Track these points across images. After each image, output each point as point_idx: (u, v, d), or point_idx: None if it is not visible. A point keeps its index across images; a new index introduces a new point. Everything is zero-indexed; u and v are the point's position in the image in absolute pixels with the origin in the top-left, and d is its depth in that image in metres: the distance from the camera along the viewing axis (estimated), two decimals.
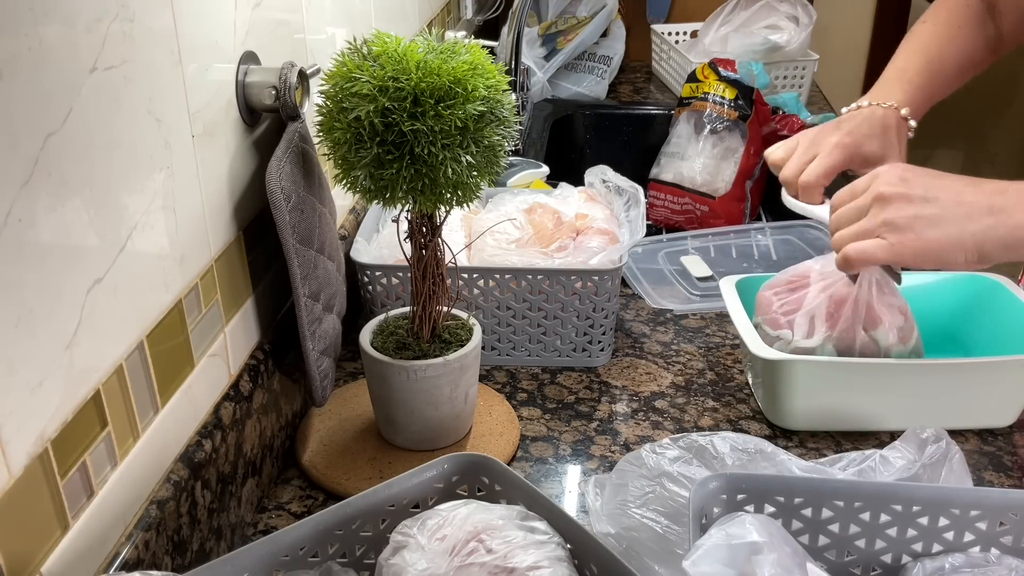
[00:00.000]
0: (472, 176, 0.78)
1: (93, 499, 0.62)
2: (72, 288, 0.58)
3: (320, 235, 0.89)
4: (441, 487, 0.70)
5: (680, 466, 0.76)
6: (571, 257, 1.08)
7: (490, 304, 1.05)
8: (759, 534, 0.61)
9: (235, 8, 0.80)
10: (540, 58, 1.92)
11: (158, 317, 0.69)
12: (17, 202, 0.52)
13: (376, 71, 0.74)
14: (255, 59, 0.85)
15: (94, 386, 0.61)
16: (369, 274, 1.04)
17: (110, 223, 0.62)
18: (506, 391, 1.04)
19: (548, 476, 0.91)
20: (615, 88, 2.09)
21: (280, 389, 0.91)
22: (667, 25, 2.20)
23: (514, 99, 0.82)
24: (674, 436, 0.80)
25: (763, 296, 1.01)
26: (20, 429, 0.54)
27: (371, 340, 0.89)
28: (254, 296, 0.87)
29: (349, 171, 0.77)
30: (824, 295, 0.95)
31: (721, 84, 1.67)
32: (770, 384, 0.97)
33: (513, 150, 0.94)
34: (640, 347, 1.13)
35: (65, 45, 0.56)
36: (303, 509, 0.87)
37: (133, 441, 0.67)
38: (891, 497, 0.69)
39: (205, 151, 0.76)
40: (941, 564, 0.69)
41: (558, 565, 0.60)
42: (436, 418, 0.89)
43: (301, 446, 0.93)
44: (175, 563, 0.70)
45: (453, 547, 0.61)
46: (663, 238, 1.39)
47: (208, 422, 0.76)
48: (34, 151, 0.54)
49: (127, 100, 0.64)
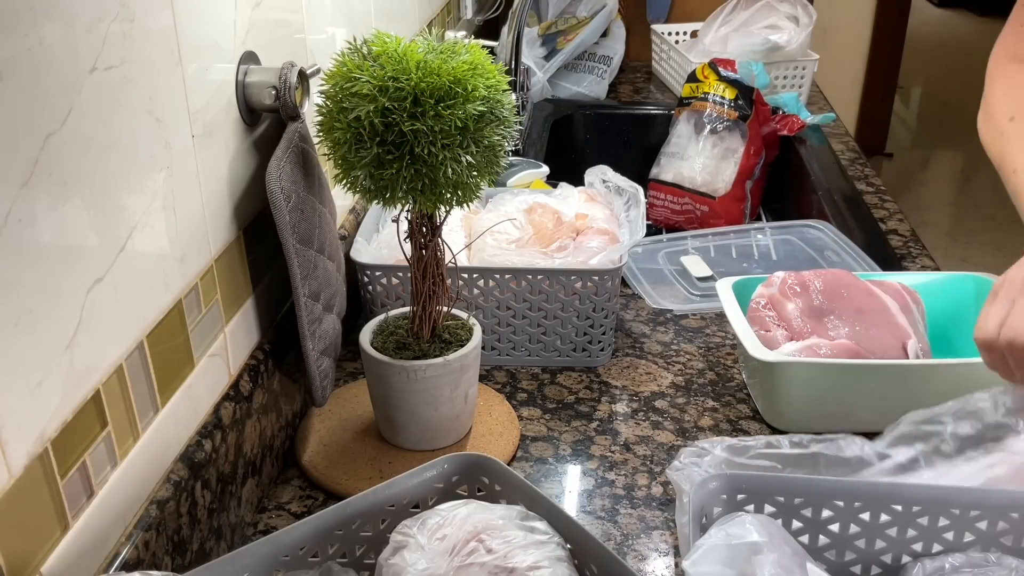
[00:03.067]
0: (472, 176, 0.78)
1: (93, 499, 0.62)
2: (72, 288, 0.58)
3: (320, 235, 0.89)
4: (441, 487, 0.70)
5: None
6: (571, 257, 1.08)
7: (490, 304, 1.05)
8: (759, 534, 0.61)
9: (235, 8, 0.80)
10: (540, 58, 1.92)
11: (158, 317, 0.69)
12: (17, 202, 0.52)
13: (376, 71, 0.74)
14: (255, 59, 0.85)
15: (94, 386, 0.61)
16: (369, 274, 1.04)
17: (110, 223, 0.62)
18: (506, 391, 1.04)
19: (548, 476, 0.91)
20: (615, 88, 2.09)
21: (280, 389, 0.91)
22: (667, 25, 2.20)
23: (514, 99, 0.82)
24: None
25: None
26: (20, 429, 0.54)
27: (371, 340, 0.89)
28: (254, 296, 0.87)
29: (349, 171, 0.77)
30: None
31: (721, 84, 1.67)
32: (767, 386, 0.97)
33: (513, 150, 0.94)
34: (640, 347, 1.13)
35: (65, 45, 0.56)
36: (303, 509, 0.87)
37: (133, 441, 0.67)
38: (891, 497, 0.69)
39: (205, 151, 0.76)
40: (941, 564, 0.69)
41: (558, 565, 0.60)
42: (436, 418, 0.89)
43: (301, 446, 0.93)
44: (175, 563, 0.70)
45: (453, 547, 0.61)
46: (663, 238, 1.39)
47: (208, 422, 0.77)
48: (34, 151, 0.54)
49: (127, 100, 0.64)
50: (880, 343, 0.97)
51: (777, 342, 0.96)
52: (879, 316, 0.98)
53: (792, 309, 0.98)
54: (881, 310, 0.98)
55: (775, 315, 0.99)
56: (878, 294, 1.00)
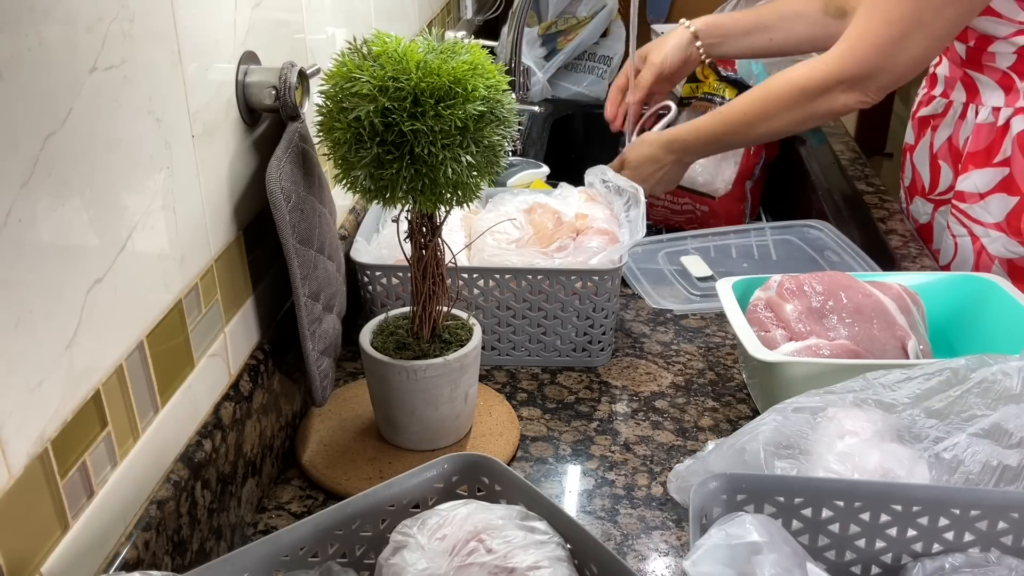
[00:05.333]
0: (472, 176, 0.78)
1: (93, 499, 0.62)
2: (72, 288, 0.58)
3: (320, 235, 0.89)
4: (441, 487, 0.70)
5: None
6: (571, 257, 1.08)
7: (490, 304, 1.05)
8: (759, 534, 0.61)
9: (235, 8, 0.80)
10: (540, 58, 1.92)
11: (158, 317, 0.69)
12: (17, 202, 0.52)
13: (376, 71, 0.74)
14: (255, 59, 0.85)
15: (94, 386, 0.61)
16: (369, 274, 1.04)
17: (110, 223, 0.62)
18: (506, 391, 1.04)
19: (548, 476, 0.91)
20: None
21: (280, 389, 0.91)
22: (667, 25, 2.19)
23: (514, 99, 0.82)
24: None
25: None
26: (20, 429, 0.54)
27: (371, 340, 0.89)
28: (254, 296, 0.87)
29: (349, 171, 0.77)
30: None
31: (721, 84, 1.67)
32: (767, 386, 0.96)
33: (513, 150, 0.94)
34: (640, 347, 1.13)
35: (65, 45, 0.56)
36: (303, 509, 0.87)
37: (133, 441, 0.67)
38: (891, 497, 0.69)
39: (205, 151, 0.76)
40: (941, 564, 0.69)
41: (558, 565, 0.60)
42: (436, 418, 0.89)
43: (301, 446, 0.93)
44: (175, 563, 0.70)
45: (453, 547, 0.61)
46: (663, 238, 1.39)
47: (208, 422, 0.77)
48: (34, 151, 0.54)
49: (127, 100, 0.64)
50: (880, 344, 0.97)
51: (776, 342, 0.96)
52: (879, 317, 0.98)
53: (791, 311, 0.98)
54: (880, 311, 0.98)
55: (773, 316, 0.99)
56: (877, 295, 1.00)
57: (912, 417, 0.79)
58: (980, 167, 1.29)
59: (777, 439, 0.77)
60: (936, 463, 0.76)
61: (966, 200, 1.31)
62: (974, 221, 1.31)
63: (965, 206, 1.32)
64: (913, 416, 0.79)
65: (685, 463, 0.84)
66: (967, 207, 1.31)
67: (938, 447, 0.76)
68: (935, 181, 1.40)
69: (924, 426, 0.78)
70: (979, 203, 1.30)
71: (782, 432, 0.77)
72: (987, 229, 1.30)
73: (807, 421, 0.79)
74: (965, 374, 0.80)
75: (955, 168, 1.35)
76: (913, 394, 0.80)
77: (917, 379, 0.81)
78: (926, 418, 0.79)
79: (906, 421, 0.79)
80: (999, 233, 1.29)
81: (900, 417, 0.79)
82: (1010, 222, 1.27)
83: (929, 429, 0.78)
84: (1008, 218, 1.28)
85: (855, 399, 0.80)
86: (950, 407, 0.79)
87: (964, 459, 0.75)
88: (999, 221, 1.29)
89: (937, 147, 1.39)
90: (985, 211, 1.29)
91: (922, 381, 0.81)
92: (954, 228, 1.34)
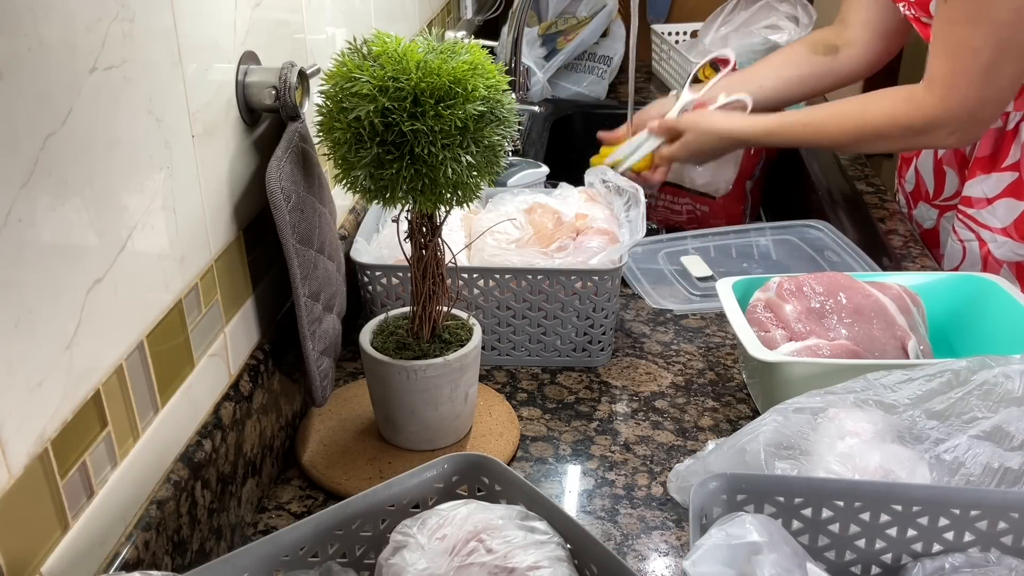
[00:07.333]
0: (472, 176, 0.78)
1: (93, 499, 0.62)
2: (72, 288, 0.58)
3: (320, 235, 0.89)
4: (441, 487, 0.70)
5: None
6: (571, 257, 1.08)
7: (490, 304, 1.05)
8: (759, 534, 0.61)
9: (235, 8, 0.80)
10: (540, 58, 1.92)
11: (158, 317, 0.69)
12: (17, 202, 0.52)
13: (376, 71, 0.74)
14: (255, 59, 0.85)
15: (94, 386, 0.61)
16: (369, 274, 1.04)
17: (110, 223, 0.62)
18: (506, 391, 1.04)
19: (548, 476, 0.91)
20: (615, 88, 2.08)
21: (280, 389, 0.91)
22: (667, 25, 2.20)
23: (514, 99, 0.82)
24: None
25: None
26: (20, 429, 0.54)
27: (371, 340, 0.89)
28: (254, 296, 0.87)
29: (349, 171, 0.77)
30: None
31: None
32: (767, 386, 0.96)
33: (513, 150, 0.94)
34: (640, 347, 1.13)
35: (65, 45, 0.56)
36: (303, 509, 0.87)
37: (133, 441, 0.67)
38: (891, 497, 0.69)
39: (205, 151, 0.76)
40: (941, 564, 0.69)
41: (558, 565, 0.60)
42: (436, 418, 0.89)
43: (301, 446, 0.93)
44: (175, 563, 0.70)
45: (453, 547, 0.61)
46: (663, 238, 1.39)
47: (208, 422, 0.76)
48: (34, 151, 0.54)
49: (127, 100, 0.64)
50: (880, 344, 0.97)
51: (776, 343, 0.96)
52: (879, 317, 0.98)
53: (790, 311, 0.98)
54: (880, 311, 0.98)
55: (773, 316, 0.99)
56: (876, 295, 1.00)
57: (913, 418, 0.79)
58: (987, 172, 1.29)
59: (778, 440, 0.77)
60: (937, 465, 0.75)
61: (973, 205, 1.31)
62: (981, 226, 1.31)
63: (972, 211, 1.31)
64: (914, 417, 0.79)
65: (685, 463, 0.84)
66: (974, 212, 1.31)
67: (939, 448, 0.76)
68: (940, 187, 1.40)
69: (925, 427, 0.78)
70: (986, 208, 1.29)
71: (783, 432, 0.77)
72: (994, 234, 1.30)
73: (808, 422, 0.79)
74: (966, 376, 0.80)
75: (961, 173, 1.35)
76: (914, 395, 0.80)
77: (918, 380, 0.81)
78: (927, 419, 0.79)
79: (907, 422, 0.79)
80: (1006, 238, 1.29)
81: (901, 418, 0.79)
82: (1017, 227, 1.27)
83: (930, 430, 0.78)
84: (1015, 223, 1.27)
85: (856, 400, 0.80)
86: (951, 408, 0.79)
87: (965, 461, 0.75)
88: (1006, 226, 1.28)
89: (942, 153, 1.38)
90: (992, 216, 1.29)
91: (923, 382, 0.81)
92: (961, 233, 1.34)
